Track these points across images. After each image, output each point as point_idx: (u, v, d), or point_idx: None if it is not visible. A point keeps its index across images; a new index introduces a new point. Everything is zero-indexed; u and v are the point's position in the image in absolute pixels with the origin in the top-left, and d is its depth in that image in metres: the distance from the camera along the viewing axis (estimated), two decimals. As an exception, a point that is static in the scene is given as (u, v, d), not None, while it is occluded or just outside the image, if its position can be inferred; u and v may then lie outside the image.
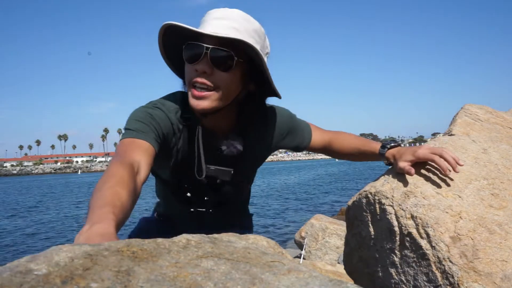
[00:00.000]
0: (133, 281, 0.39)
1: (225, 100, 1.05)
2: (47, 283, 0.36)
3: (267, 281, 0.42)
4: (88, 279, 0.37)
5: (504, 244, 0.89)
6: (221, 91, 1.03)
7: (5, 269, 0.38)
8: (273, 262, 0.49)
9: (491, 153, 1.15)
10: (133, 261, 0.43)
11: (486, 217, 0.93)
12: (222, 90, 1.03)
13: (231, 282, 0.41)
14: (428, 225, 0.92)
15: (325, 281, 0.43)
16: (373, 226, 1.08)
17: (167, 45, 1.09)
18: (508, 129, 1.33)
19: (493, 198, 0.99)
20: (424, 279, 0.92)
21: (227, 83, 1.03)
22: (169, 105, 1.12)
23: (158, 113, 1.07)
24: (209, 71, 1.01)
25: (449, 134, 1.27)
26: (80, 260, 0.41)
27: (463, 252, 0.87)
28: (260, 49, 1.04)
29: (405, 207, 0.97)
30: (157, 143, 1.02)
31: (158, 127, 1.05)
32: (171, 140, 1.12)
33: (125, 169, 0.85)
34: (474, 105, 1.42)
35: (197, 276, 0.42)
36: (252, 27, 1.06)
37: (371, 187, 1.10)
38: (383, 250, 1.04)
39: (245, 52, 1.04)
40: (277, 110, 1.28)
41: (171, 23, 1.01)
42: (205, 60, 1.01)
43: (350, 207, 1.20)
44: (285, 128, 1.29)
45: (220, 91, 1.03)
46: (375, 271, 1.09)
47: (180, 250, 0.48)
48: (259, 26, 1.08)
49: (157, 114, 1.07)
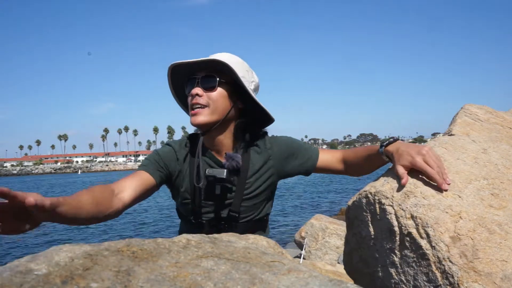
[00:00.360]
0: (133, 281, 0.39)
1: (216, 114, 1.29)
2: (47, 283, 0.36)
3: (267, 281, 0.42)
4: (88, 279, 0.37)
5: (504, 244, 0.89)
6: (211, 107, 1.28)
7: (5, 269, 0.38)
8: (273, 262, 0.49)
9: (491, 153, 1.15)
10: (133, 261, 0.43)
11: (486, 217, 0.93)
12: (211, 106, 1.28)
13: (231, 282, 0.41)
14: (428, 225, 0.92)
15: (325, 281, 0.43)
16: (373, 226, 1.08)
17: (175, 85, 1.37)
18: (508, 129, 1.33)
19: (493, 198, 0.99)
20: (424, 279, 0.92)
21: (214, 100, 1.28)
22: (180, 140, 1.43)
23: (165, 149, 1.38)
24: (200, 93, 1.28)
25: (449, 134, 1.27)
26: (80, 260, 0.41)
27: (463, 252, 0.87)
28: (242, 76, 1.29)
29: (405, 207, 0.97)
30: (157, 171, 1.31)
31: (159, 160, 1.34)
32: (175, 166, 1.36)
33: (101, 187, 1.15)
34: (474, 105, 1.42)
35: (197, 276, 0.42)
36: (234, 59, 1.32)
37: (371, 187, 1.10)
38: (383, 250, 1.04)
39: (228, 75, 1.29)
40: (278, 136, 1.45)
41: (173, 64, 1.29)
42: (197, 86, 1.28)
43: (350, 207, 1.20)
44: (285, 149, 1.38)
45: (210, 107, 1.28)
46: (375, 271, 1.09)
47: (180, 250, 0.48)
48: (242, 61, 1.35)
49: (163, 150, 1.37)
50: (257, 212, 1.38)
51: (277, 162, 1.37)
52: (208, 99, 1.27)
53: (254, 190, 1.35)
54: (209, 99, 1.27)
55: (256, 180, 1.35)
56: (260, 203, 1.38)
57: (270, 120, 1.39)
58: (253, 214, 1.37)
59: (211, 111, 1.27)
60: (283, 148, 1.38)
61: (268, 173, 1.36)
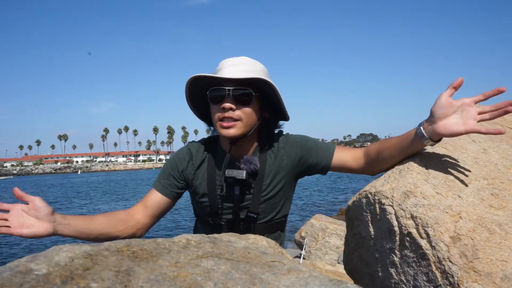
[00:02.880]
0: (133, 281, 0.39)
1: (248, 127, 1.28)
2: (47, 283, 0.36)
3: (267, 281, 0.42)
4: (88, 279, 0.37)
5: (504, 244, 0.89)
6: (244, 121, 1.26)
7: (5, 269, 0.38)
8: (273, 262, 0.49)
9: (491, 153, 1.15)
10: (133, 261, 0.43)
11: (486, 217, 0.93)
12: (244, 120, 1.26)
13: (231, 282, 0.41)
14: (428, 225, 0.92)
15: (325, 281, 0.43)
16: (373, 226, 1.08)
17: (191, 94, 1.34)
18: (508, 129, 1.33)
19: (493, 198, 0.99)
20: (424, 279, 0.92)
21: (248, 115, 1.27)
22: (199, 141, 1.45)
23: (182, 154, 1.41)
24: (233, 107, 1.24)
25: (449, 134, 1.26)
26: (80, 260, 0.41)
27: (463, 252, 0.87)
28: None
29: (405, 207, 0.97)
30: (170, 189, 1.39)
31: (174, 167, 1.40)
32: (191, 170, 1.39)
33: (119, 211, 1.36)
34: (474, 105, 1.42)
35: (197, 276, 0.42)
36: (259, 68, 1.31)
37: (371, 187, 1.10)
38: (383, 250, 1.04)
39: (258, 88, 1.27)
40: (292, 135, 1.43)
41: (197, 75, 1.25)
42: (228, 99, 1.24)
43: (350, 207, 1.20)
44: (299, 148, 1.37)
45: (243, 122, 1.26)
46: (375, 271, 1.09)
47: (180, 250, 0.48)
48: (263, 67, 1.34)
49: (179, 157, 1.41)
50: (275, 213, 1.39)
51: (292, 162, 1.36)
52: (241, 113, 1.25)
53: (271, 190, 1.36)
54: (243, 114, 1.25)
55: (272, 181, 1.36)
56: (277, 203, 1.39)
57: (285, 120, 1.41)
58: (271, 215, 1.38)
59: (244, 124, 1.26)
60: (297, 147, 1.37)
61: (283, 173, 1.37)
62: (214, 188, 1.35)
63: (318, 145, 1.38)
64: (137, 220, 1.34)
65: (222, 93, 1.24)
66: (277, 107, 1.32)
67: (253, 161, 1.31)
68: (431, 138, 1.03)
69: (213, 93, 1.26)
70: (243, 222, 1.35)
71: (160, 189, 1.38)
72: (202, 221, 1.45)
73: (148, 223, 1.36)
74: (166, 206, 1.40)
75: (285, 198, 1.41)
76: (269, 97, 1.30)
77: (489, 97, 0.97)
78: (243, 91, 1.24)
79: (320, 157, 1.35)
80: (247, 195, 1.35)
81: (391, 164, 1.18)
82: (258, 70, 1.29)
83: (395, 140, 1.16)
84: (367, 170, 1.30)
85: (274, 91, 1.25)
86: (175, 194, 1.40)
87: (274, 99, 1.29)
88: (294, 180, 1.43)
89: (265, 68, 1.35)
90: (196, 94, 1.33)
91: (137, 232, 1.34)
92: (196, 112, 1.41)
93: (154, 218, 1.38)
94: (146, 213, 1.35)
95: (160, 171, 1.44)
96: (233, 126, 1.25)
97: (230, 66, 1.28)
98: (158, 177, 1.42)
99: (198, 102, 1.36)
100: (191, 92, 1.32)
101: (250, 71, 1.26)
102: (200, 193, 1.38)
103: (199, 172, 1.39)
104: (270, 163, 1.36)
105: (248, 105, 1.26)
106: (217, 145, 1.40)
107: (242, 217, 1.36)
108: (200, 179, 1.38)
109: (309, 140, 1.39)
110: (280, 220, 1.42)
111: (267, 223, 1.38)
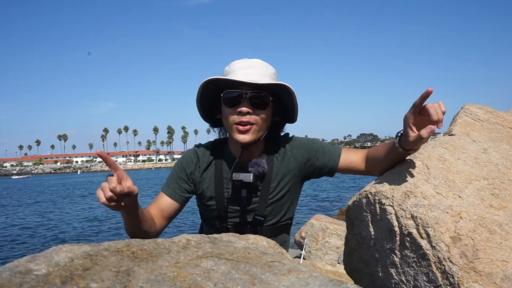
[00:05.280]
0: (133, 281, 0.39)
1: (261, 132, 1.28)
2: (47, 283, 0.36)
3: (267, 281, 0.42)
4: (88, 279, 0.37)
5: (504, 244, 0.89)
6: (258, 126, 1.26)
7: (5, 269, 0.38)
8: (273, 262, 0.49)
9: (491, 153, 1.14)
10: (133, 261, 0.43)
11: (486, 217, 0.93)
12: (259, 124, 1.26)
13: (231, 282, 0.41)
14: (428, 225, 0.92)
15: (325, 281, 0.43)
16: (373, 226, 1.08)
17: (202, 95, 1.32)
18: (509, 129, 1.33)
19: (493, 198, 0.99)
20: (424, 279, 0.92)
21: (263, 120, 1.27)
22: (205, 144, 1.45)
23: (189, 157, 1.41)
24: (250, 111, 1.24)
25: (449, 134, 1.26)
26: (80, 260, 0.40)
27: (463, 252, 0.87)
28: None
29: (405, 207, 0.97)
30: (179, 194, 1.38)
31: (182, 171, 1.40)
32: (198, 173, 1.39)
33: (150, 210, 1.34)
34: (474, 105, 1.42)
35: (197, 276, 0.42)
36: (272, 71, 1.31)
37: (371, 187, 1.10)
38: (383, 250, 1.04)
39: (273, 92, 1.26)
40: (299, 138, 1.44)
41: (212, 78, 1.24)
42: (245, 102, 1.23)
43: (350, 207, 1.20)
44: (305, 151, 1.38)
45: (258, 126, 1.26)
46: (375, 271, 1.08)
47: (180, 250, 0.48)
48: (274, 69, 1.33)
49: (186, 160, 1.41)
50: (281, 215, 1.39)
51: (299, 164, 1.37)
52: (257, 118, 1.25)
53: (278, 193, 1.36)
54: (259, 118, 1.25)
55: (279, 183, 1.36)
56: (284, 206, 1.39)
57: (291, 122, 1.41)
58: (277, 217, 1.38)
59: (258, 129, 1.26)
60: (304, 149, 1.37)
61: (290, 175, 1.37)
62: (221, 192, 1.35)
63: (325, 147, 1.39)
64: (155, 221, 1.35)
65: (239, 97, 1.23)
66: (289, 111, 1.33)
67: (261, 163, 1.31)
68: (403, 147, 1.08)
69: (229, 95, 1.25)
70: (250, 225, 1.35)
71: (170, 193, 1.39)
72: (209, 224, 1.45)
73: (163, 225, 1.37)
74: (176, 210, 1.40)
75: (291, 200, 1.41)
76: (283, 101, 1.30)
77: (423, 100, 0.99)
78: (260, 96, 1.23)
79: (327, 159, 1.36)
80: (254, 198, 1.35)
81: (387, 166, 1.20)
82: (271, 74, 1.29)
83: (387, 143, 1.22)
84: (372, 171, 1.31)
85: (291, 95, 1.25)
86: (184, 198, 1.40)
87: (289, 104, 1.29)
88: (300, 182, 1.43)
89: (275, 70, 1.35)
90: (205, 95, 1.32)
91: (156, 232, 1.33)
92: (202, 113, 1.40)
93: (168, 220, 1.39)
94: (161, 215, 1.36)
95: (168, 175, 1.44)
96: (249, 131, 1.25)
97: (243, 68, 1.26)
98: (167, 181, 1.42)
99: (204, 102, 1.35)
100: (202, 93, 1.31)
101: (265, 75, 1.26)
102: (207, 196, 1.38)
103: (206, 175, 1.39)
104: (277, 166, 1.36)
105: (265, 109, 1.25)
106: (225, 148, 1.40)
107: (249, 220, 1.36)
108: (208, 183, 1.38)
109: (316, 143, 1.40)
110: (286, 222, 1.42)
111: (274, 225, 1.38)
